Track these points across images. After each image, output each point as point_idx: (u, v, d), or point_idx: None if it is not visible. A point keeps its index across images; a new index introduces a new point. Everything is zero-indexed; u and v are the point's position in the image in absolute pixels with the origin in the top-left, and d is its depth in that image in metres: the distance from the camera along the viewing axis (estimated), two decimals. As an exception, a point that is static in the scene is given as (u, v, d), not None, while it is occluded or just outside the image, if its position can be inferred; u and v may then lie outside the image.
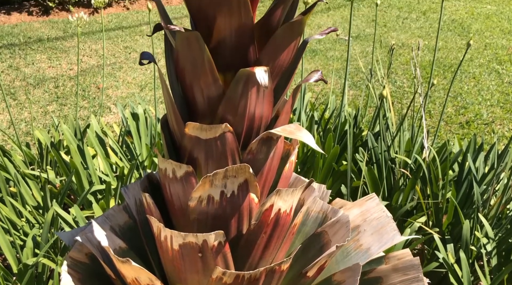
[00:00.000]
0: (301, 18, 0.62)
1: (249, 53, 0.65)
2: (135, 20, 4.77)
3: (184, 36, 0.60)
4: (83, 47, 3.87)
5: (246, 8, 0.60)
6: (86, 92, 3.18)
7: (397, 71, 3.71)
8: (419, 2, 5.80)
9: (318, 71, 0.69)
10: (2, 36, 3.95)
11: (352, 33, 4.63)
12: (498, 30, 4.65)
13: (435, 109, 3.06)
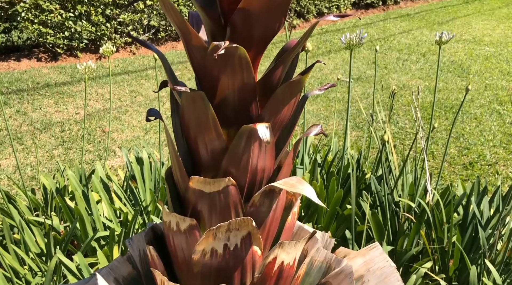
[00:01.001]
0: (300, 78, 0.65)
1: (251, 109, 0.68)
2: (141, 64, 4.89)
3: (189, 96, 0.63)
4: (90, 91, 3.96)
5: (248, 69, 0.63)
6: (91, 136, 3.22)
7: (399, 113, 3.75)
8: (418, 45, 5.93)
9: (318, 125, 0.72)
10: (11, 82, 4.06)
11: (353, 75, 4.72)
12: (497, 71, 4.73)
13: (438, 150, 3.08)
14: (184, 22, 0.64)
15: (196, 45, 0.65)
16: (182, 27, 0.65)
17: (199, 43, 0.64)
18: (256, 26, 0.64)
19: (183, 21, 0.64)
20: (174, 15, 0.64)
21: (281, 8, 0.64)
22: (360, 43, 1.63)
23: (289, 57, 0.69)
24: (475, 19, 7.52)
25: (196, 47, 0.65)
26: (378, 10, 8.21)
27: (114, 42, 5.05)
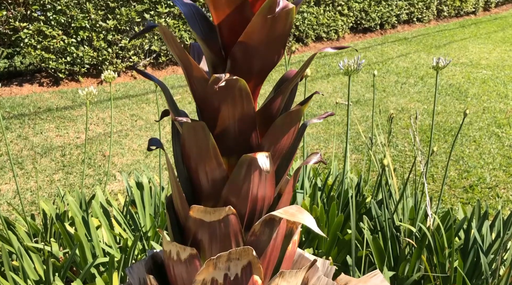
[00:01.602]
0: (299, 108, 0.66)
1: (251, 139, 0.69)
2: (141, 89, 4.94)
3: (190, 126, 0.64)
4: (91, 115, 3.98)
5: (248, 99, 0.64)
6: (92, 160, 3.23)
7: (398, 135, 3.77)
8: (416, 68, 6.00)
9: (318, 153, 0.72)
10: (13, 107, 4.09)
11: (352, 98, 4.76)
12: (495, 94, 4.77)
13: (438, 173, 3.08)
14: (186, 55, 0.66)
15: (198, 77, 0.66)
16: (183, 59, 0.66)
17: (200, 75, 0.66)
18: (256, 58, 0.66)
19: (185, 54, 0.66)
20: (175, 48, 0.66)
21: (280, 41, 0.65)
22: (358, 69, 1.66)
23: (288, 87, 0.71)
24: (471, 43, 7.63)
25: (197, 78, 0.67)
26: (375, 34, 8.33)
27: (115, 66, 5.11)
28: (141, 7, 5.13)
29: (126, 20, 5.05)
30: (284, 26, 0.63)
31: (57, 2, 4.51)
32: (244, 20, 0.65)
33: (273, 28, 0.63)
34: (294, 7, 0.60)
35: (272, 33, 0.63)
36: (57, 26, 4.58)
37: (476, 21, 10.03)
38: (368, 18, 7.99)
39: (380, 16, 8.17)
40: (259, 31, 0.62)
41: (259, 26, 0.62)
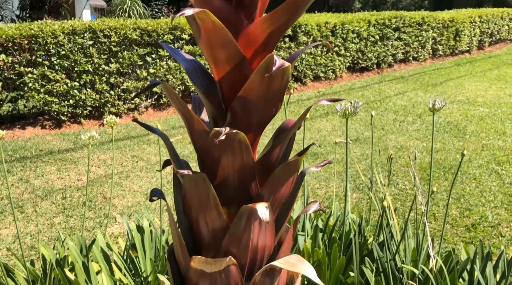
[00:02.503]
0: (297, 158, 0.68)
1: (251, 189, 0.70)
2: (143, 130, 4.99)
3: (191, 178, 0.66)
4: (92, 157, 4.01)
5: (247, 151, 0.67)
6: (93, 202, 3.23)
7: (398, 174, 3.77)
8: (414, 106, 6.08)
9: (316, 202, 0.74)
10: (15, 150, 4.13)
11: (351, 136, 4.80)
12: (493, 131, 4.82)
13: (439, 212, 3.07)
14: (187, 109, 0.69)
15: (199, 130, 0.69)
16: (185, 113, 0.69)
17: (202, 128, 0.68)
18: (254, 112, 0.69)
19: (186, 108, 0.69)
20: (178, 103, 0.69)
21: (277, 96, 0.68)
22: (355, 112, 1.69)
23: (286, 138, 0.73)
24: (467, 81, 7.76)
25: (198, 131, 0.69)
26: (373, 73, 8.49)
27: (117, 108, 5.18)
28: (143, 50, 5.26)
29: (129, 63, 5.17)
30: (280, 82, 0.66)
31: (62, 47, 4.63)
32: (243, 76, 0.68)
33: (270, 84, 0.66)
34: (290, 65, 0.64)
35: (269, 89, 0.66)
36: (60, 70, 4.68)
37: (471, 59, 10.24)
38: (364, 57, 8.17)
39: (377, 55, 8.35)
40: (257, 87, 0.65)
41: (257, 83, 0.65)
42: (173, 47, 0.78)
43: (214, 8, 0.69)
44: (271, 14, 0.66)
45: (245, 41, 0.69)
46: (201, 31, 0.65)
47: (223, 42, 0.65)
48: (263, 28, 0.68)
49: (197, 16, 0.62)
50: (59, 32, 4.61)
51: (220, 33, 0.64)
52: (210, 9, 0.69)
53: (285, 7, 0.66)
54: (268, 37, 0.69)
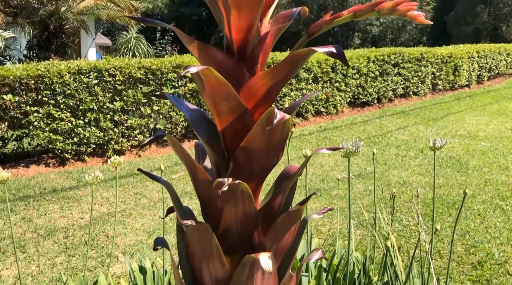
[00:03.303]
0: (298, 207, 0.70)
1: (253, 237, 0.71)
2: (146, 166, 5.01)
3: (195, 228, 0.67)
4: (95, 195, 4.01)
5: (250, 201, 0.68)
6: (95, 241, 3.21)
7: (402, 209, 3.75)
8: (415, 141, 6.10)
9: (319, 250, 0.75)
10: (19, 188, 4.14)
11: (354, 172, 4.80)
12: (496, 166, 4.82)
13: (444, 248, 3.03)
14: (191, 159, 0.71)
15: (202, 179, 0.71)
16: (189, 163, 0.71)
17: (205, 178, 0.70)
18: (256, 162, 0.71)
19: (190, 158, 0.71)
20: (182, 153, 0.71)
21: (278, 146, 0.70)
22: (356, 152, 1.71)
23: (288, 185, 0.75)
24: (468, 115, 7.82)
25: (202, 181, 0.71)
26: (374, 107, 8.57)
27: (121, 145, 5.22)
28: (147, 88, 5.36)
29: (133, 101, 5.25)
30: (281, 134, 0.68)
31: (67, 87, 4.73)
32: (245, 127, 0.70)
33: (272, 136, 0.68)
34: (290, 118, 0.66)
35: (270, 140, 0.69)
36: (66, 109, 4.76)
37: (471, 93, 10.35)
38: (365, 93, 8.27)
39: (377, 90, 8.46)
40: (259, 138, 0.68)
41: (258, 134, 0.67)
42: (177, 98, 0.81)
43: (218, 62, 0.72)
44: (272, 69, 0.69)
45: (247, 94, 0.72)
46: (205, 86, 0.67)
47: (226, 96, 0.68)
48: (264, 82, 0.71)
49: (202, 73, 0.65)
50: (65, 72, 4.71)
51: (223, 87, 0.67)
52: (214, 63, 0.72)
53: (285, 62, 0.69)
54: (269, 90, 0.71)
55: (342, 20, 0.67)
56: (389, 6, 0.61)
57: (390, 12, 0.61)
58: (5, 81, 4.35)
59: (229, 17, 0.69)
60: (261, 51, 0.74)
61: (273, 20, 0.81)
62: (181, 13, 31.17)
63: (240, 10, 0.67)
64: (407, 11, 0.60)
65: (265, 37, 0.74)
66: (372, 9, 0.63)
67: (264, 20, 0.76)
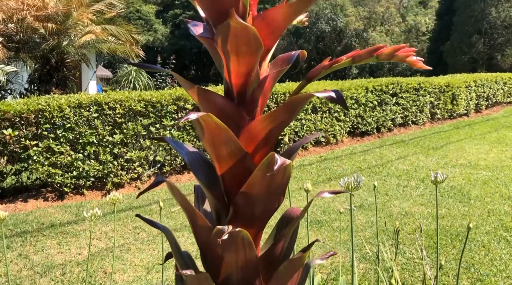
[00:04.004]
0: (301, 255, 0.68)
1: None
2: (145, 199, 4.97)
3: (194, 277, 0.65)
4: (93, 229, 3.96)
5: (250, 248, 0.67)
6: (93, 278, 3.14)
7: (405, 242, 3.70)
8: (416, 170, 6.08)
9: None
10: (16, 224, 4.09)
11: (356, 203, 4.76)
12: (498, 195, 4.78)
13: (450, 282, 2.97)
14: (190, 205, 0.69)
15: (201, 226, 0.69)
16: (188, 209, 0.70)
17: (204, 224, 0.69)
18: (257, 207, 0.70)
19: (189, 205, 0.69)
20: (181, 199, 0.69)
21: (280, 191, 0.69)
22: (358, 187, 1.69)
23: (290, 231, 0.73)
24: (468, 144, 7.83)
25: (201, 227, 0.70)
26: (373, 137, 8.59)
27: (120, 178, 5.20)
28: (147, 121, 5.38)
29: (132, 134, 5.26)
30: (282, 178, 0.67)
31: (67, 120, 4.74)
32: (245, 170, 0.69)
33: (272, 181, 0.67)
34: (291, 163, 0.65)
35: (271, 185, 0.67)
36: (65, 143, 4.76)
37: (470, 122, 10.40)
38: (364, 122, 8.31)
39: (376, 120, 8.50)
40: (259, 183, 0.67)
41: (259, 179, 0.66)
42: (176, 141, 0.80)
43: (217, 106, 0.72)
44: (272, 113, 0.69)
45: (247, 137, 0.71)
46: (204, 131, 0.67)
47: (226, 140, 0.67)
48: (263, 126, 0.70)
49: (201, 119, 0.64)
50: (66, 105, 4.74)
51: (223, 132, 0.66)
52: (214, 107, 0.72)
53: (284, 107, 0.68)
54: (268, 134, 0.71)
55: (340, 65, 0.67)
56: (387, 52, 0.62)
57: (389, 58, 0.61)
58: (5, 116, 4.37)
59: (228, 63, 0.69)
60: (261, 94, 0.74)
61: (272, 63, 0.81)
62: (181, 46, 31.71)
63: (240, 56, 0.67)
64: (406, 57, 0.60)
65: (264, 80, 0.74)
66: (371, 54, 0.63)
67: (263, 63, 0.76)
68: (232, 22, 0.61)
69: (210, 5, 0.69)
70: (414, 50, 0.62)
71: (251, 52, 0.66)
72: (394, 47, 0.61)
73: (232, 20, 0.60)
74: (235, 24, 0.61)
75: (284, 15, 0.68)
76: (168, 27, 38.52)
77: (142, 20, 39.98)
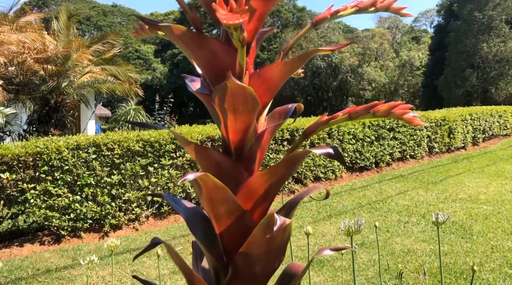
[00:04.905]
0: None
1: None
2: (143, 241, 4.89)
3: None
4: (90, 274, 3.87)
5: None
6: (88, 326, 3.05)
7: (408, 281, 3.62)
8: (416, 205, 6.04)
9: None
10: (11, 270, 4.00)
11: (357, 241, 4.69)
12: (500, 231, 4.73)
13: (457, 324, 2.88)
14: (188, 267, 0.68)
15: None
16: (185, 271, 0.68)
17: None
18: (257, 266, 0.68)
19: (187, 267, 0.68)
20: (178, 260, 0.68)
21: (280, 250, 0.68)
22: (358, 230, 1.67)
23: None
24: (467, 178, 7.81)
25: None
26: (372, 172, 8.57)
27: (118, 220, 5.14)
28: (145, 160, 5.37)
29: (131, 174, 5.24)
30: (282, 238, 0.66)
31: (65, 163, 4.73)
32: (244, 228, 0.68)
33: (272, 240, 0.65)
34: (291, 222, 0.64)
35: (271, 244, 0.66)
36: (63, 185, 4.73)
37: (467, 155, 10.42)
38: (362, 157, 8.32)
39: (374, 155, 8.51)
40: (258, 243, 0.65)
41: (258, 239, 0.65)
42: (173, 197, 0.79)
43: (215, 162, 0.72)
44: (270, 169, 0.69)
45: (245, 194, 0.71)
46: (202, 190, 0.66)
47: (224, 199, 0.66)
48: (262, 182, 0.70)
49: (199, 179, 0.64)
50: (64, 148, 4.74)
51: (221, 191, 0.65)
52: (211, 163, 0.72)
53: (283, 163, 0.68)
54: (267, 190, 0.70)
55: (337, 122, 0.67)
56: (384, 109, 0.62)
57: (385, 115, 0.62)
58: (3, 160, 4.36)
59: (226, 120, 0.69)
60: (258, 149, 0.74)
61: (269, 116, 0.82)
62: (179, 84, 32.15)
63: (237, 114, 0.67)
64: (402, 115, 0.61)
65: (262, 135, 0.74)
66: (368, 111, 0.64)
67: (260, 117, 0.76)
68: (230, 83, 0.61)
69: (207, 64, 0.70)
70: (410, 107, 0.62)
71: (248, 110, 0.67)
72: (390, 104, 0.62)
73: (229, 82, 0.61)
74: (232, 85, 0.62)
75: (280, 72, 0.69)
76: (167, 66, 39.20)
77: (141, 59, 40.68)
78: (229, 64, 0.68)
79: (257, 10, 0.67)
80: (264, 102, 0.72)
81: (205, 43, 0.69)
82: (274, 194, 0.72)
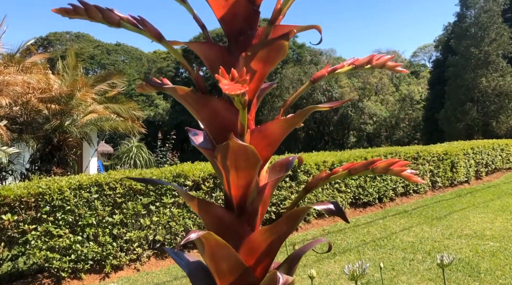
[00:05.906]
0: None
1: None
2: (144, 282, 4.81)
3: None
4: (90, 318, 3.79)
5: None
6: None
7: (416, 322, 3.53)
8: (421, 242, 5.95)
9: None
10: (10, 314, 3.93)
11: (362, 280, 4.60)
12: (508, 268, 4.64)
13: None
14: (191, 325, 0.67)
15: None
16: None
17: None
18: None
19: (190, 325, 0.67)
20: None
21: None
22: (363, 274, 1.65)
23: None
24: (471, 212, 7.73)
25: None
26: (375, 208, 8.50)
27: (119, 260, 5.07)
28: (147, 199, 5.35)
29: (132, 213, 5.21)
30: (285, 296, 0.66)
31: (67, 203, 4.72)
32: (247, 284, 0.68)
33: (275, 298, 0.65)
34: (294, 279, 0.64)
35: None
36: (64, 225, 4.70)
37: (471, 190, 10.35)
38: (365, 193, 8.27)
39: (377, 190, 8.47)
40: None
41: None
42: (176, 252, 0.80)
43: (218, 218, 0.72)
44: (272, 226, 0.69)
45: (247, 249, 0.71)
46: (205, 248, 0.67)
47: (226, 256, 0.67)
48: (264, 237, 0.70)
49: (202, 237, 0.64)
50: (66, 188, 4.74)
51: (223, 249, 0.66)
52: (214, 218, 0.72)
53: (285, 219, 0.69)
54: (269, 246, 0.70)
55: (337, 177, 0.68)
56: (382, 166, 0.63)
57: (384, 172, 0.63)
58: (5, 201, 4.35)
59: (228, 176, 0.70)
60: (260, 203, 0.75)
61: (271, 168, 0.83)
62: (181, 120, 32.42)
63: (239, 170, 0.69)
64: (401, 172, 0.62)
65: (263, 188, 0.75)
66: (367, 167, 0.65)
67: (262, 171, 0.78)
68: (232, 143, 0.63)
69: (210, 122, 0.72)
70: (407, 164, 0.63)
71: (250, 167, 0.68)
72: (388, 161, 0.63)
73: (231, 141, 0.63)
74: (234, 144, 0.63)
75: (280, 128, 0.71)
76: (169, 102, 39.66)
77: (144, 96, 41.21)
78: (231, 121, 0.70)
79: (258, 71, 0.69)
80: (265, 157, 0.74)
81: (208, 102, 0.72)
82: (276, 250, 0.72)
